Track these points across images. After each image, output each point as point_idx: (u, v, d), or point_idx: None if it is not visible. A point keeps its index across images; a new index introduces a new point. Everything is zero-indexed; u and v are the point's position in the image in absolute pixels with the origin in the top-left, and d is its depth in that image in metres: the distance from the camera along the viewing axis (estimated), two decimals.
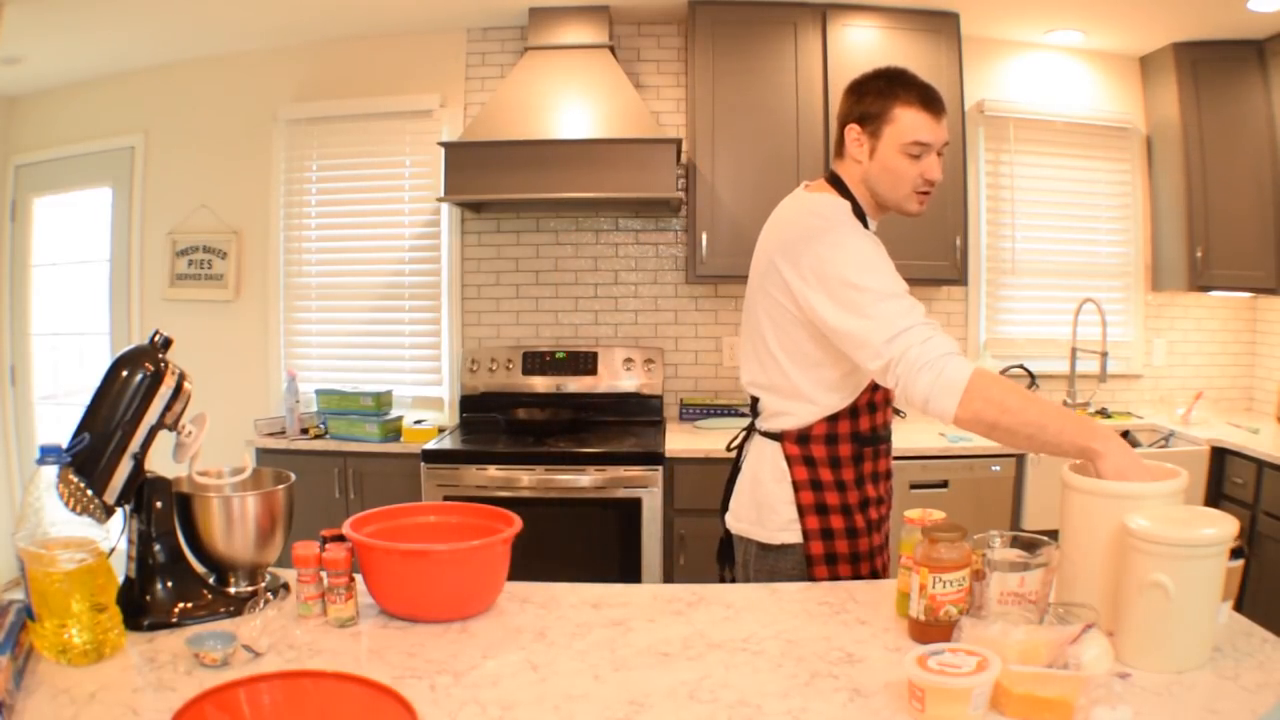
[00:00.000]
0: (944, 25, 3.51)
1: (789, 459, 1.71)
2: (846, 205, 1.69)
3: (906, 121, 1.64)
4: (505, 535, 1.48)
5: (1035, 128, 3.91)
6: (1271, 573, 2.99)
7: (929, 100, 1.65)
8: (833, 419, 1.69)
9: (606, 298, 3.89)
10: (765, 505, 1.75)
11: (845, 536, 1.71)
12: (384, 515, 1.61)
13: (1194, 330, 4.05)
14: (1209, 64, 3.65)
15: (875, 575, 1.75)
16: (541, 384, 3.74)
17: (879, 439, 1.75)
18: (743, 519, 1.80)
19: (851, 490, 1.72)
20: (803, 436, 1.70)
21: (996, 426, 1.42)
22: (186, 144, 4.04)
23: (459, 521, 1.62)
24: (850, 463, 1.71)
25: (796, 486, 1.71)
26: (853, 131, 1.69)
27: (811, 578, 1.71)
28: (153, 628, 1.36)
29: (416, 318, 3.98)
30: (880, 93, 1.66)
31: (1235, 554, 1.28)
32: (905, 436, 3.43)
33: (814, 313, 1.59)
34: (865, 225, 1.71)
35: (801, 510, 1.71)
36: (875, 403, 1.73)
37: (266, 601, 1.47)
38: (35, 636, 1.23)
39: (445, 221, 3.89)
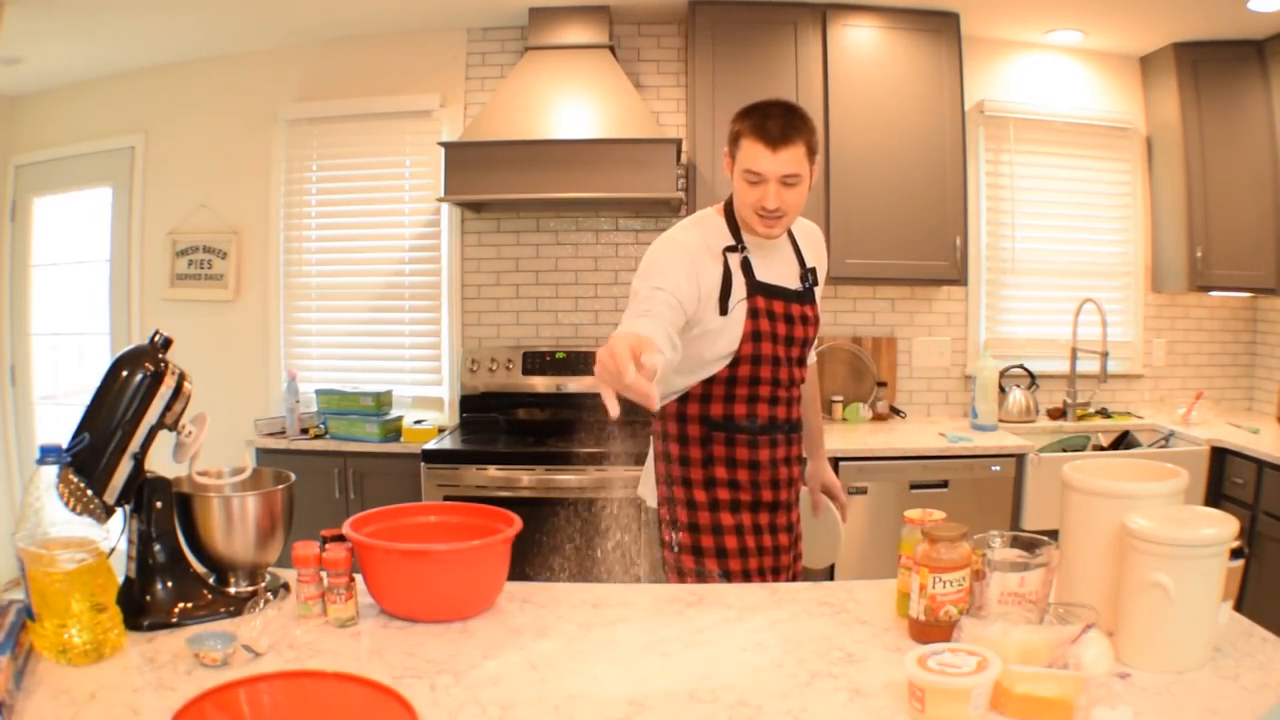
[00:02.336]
0: (944, 25, 3.51)
1: (652, 432, 1.99)
2: (704, 219, 1.90)
3: (745, 151, 1.77)
4: (505, 535, 1.48)
5: (1035, 128, 3.91)
6: (1271, 573, 2.99)
7: (765, 133, 1.74)
8: (681, 400, 1.89)
9: (606, 298, 3.89)
10: (646, 469, 2.04)
11: (685, 507, 1.91)
12: (384, 515, 1.61)
13: (1194, 330, 4.05)
14: (1209, 64, 3.65)
15: (747, 576, 1.88)
16: (541, 384, 3.74)
17: (735, 428, 1.88)
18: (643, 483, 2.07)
19: (695, 468, 1.90)
20: (662, 412, 1.93)
21: None
22: (186, 144, 4.04)
23: (459, 521, 1.62)
24: (696, 443, 1.89)
25: (655, 455, 1.98)
26: (725, 154, 1.86)
27: (672, 562, 1.93)
28: (153, 628, 1.36)
29: (416, 318, 3.98)
30: (738, 120, 1.81)
31: (1235, 554, 1.28)
32: (906, 437, 3.43)
33: None
34: (738, 239, 1.86)
35: (656, 476, 1.97)
36: (735, 395, 1.86)
37: (266, 601, 1.47)
38: (35, 636, 1.23)
39: (445, 221, 3.89)
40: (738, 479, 1.89)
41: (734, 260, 1.87)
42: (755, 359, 1.86)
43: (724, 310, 1.83)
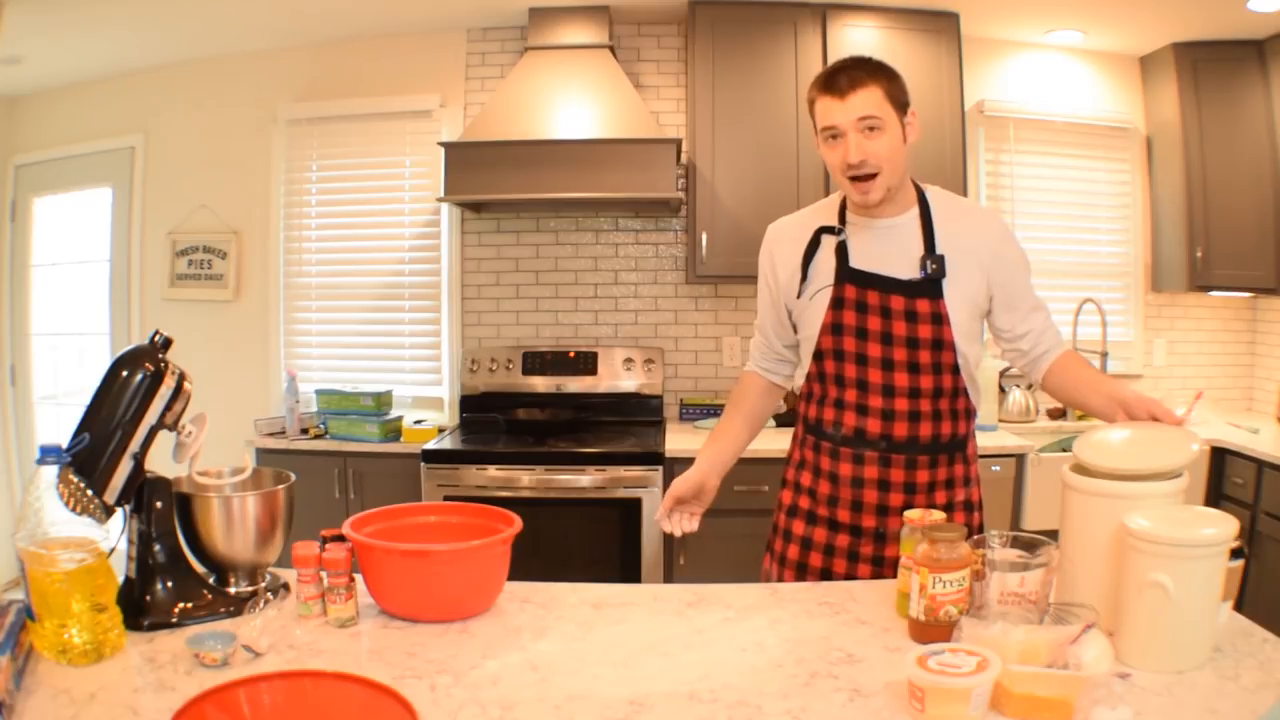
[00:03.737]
0: (944, 25, 3.51)
1: None
2: (824, 202, 1.82)
3: (818, 111, 1.64)
4: (505, 535, 1.48)
5: (1035, 128, 3.91)
6: (1271, 573, 2.99)
7: (829, 83, 1.61)
8: (805, 397, 1.83)
9: (606, 298, 3.89)
10: None
11: (776, 502, 1.91)
12: (384, 515, 1.60)
13: (1194, 330, 4.05)
14: (1209, 64, 3.65)
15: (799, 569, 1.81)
16: (541, 384, 3.74)
17: (822, 434, 1.77)
18: None
19: (790, 466, 1.87)
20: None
21: None
22: (186, 144, 4.04)
23: (459, 521, 1.62)
24: (797, 441, 1.86)
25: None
26: (815, 133, 1.71)
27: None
28: (153, 628, 1.36)
29: (416, 318, 3.98)
30: (811, 86, 1.67)
31: (1235, 554, 1.28)
32: None
33: None
34: (842, 221, 1.74)
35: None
36: (822, 396, 1.77)
37: (266, 601, 1.47)
38: (35, 636, 1.23)
39: (445, 221, 3.89)
40: (818, 490, 1.77)
41: (829, 243, 1.73)
42: (838, 354, 1.70)
43: (799, 294, 1.74)
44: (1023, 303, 1.73)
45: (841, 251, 1.70)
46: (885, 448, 1.70)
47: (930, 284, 1.66)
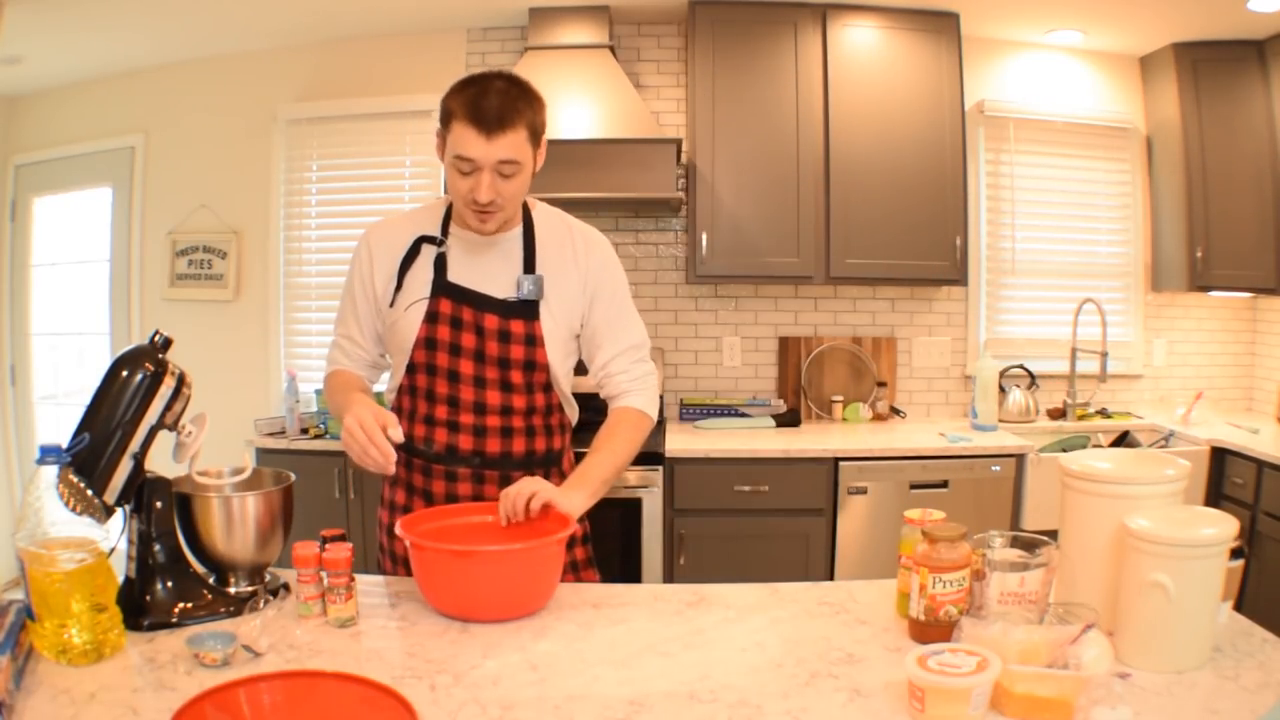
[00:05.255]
0: (944, 25, 3.51)
1: None
2: (429, 205, 1.75)
3: (455, 135, 1.53)
4: (560, 536, 1.46)
5: (1035, 128, 3.91)
6: (1271, 573, 2.99)
7: (476, 113, 1.50)
8: (395, 411, 1.74)
9: None
10: None
11: (385, 528, 1.81)
12: (435, 515, 1.59)
13: (1194, 330, 4.05)
14: (1209, 64, 3.65)
15: None
16: None
17: (413, 450, 1.70)
18: None
19: (385, 484, 1.82)
20: None
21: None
22: (186, 144, 4.04)
23: (491, 523, 1.59)
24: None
25: None
26: (436, 132, 1.62)
27: None
28: (153, 628, 1.36)
29: None
30: (449, 98, 1.56)
31: (1235, 554, 1.28)
32: (906, 437, 3.43)
33: None
34: (444, 231, 1.68)
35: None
36: (403, 408, 1.72)
37: (266, 601, 1.47)
38: (35, 636, 1.23)
39: None
40: (413, 508, 1.70)
41: (428, 253, 1.67)
42: (430, 369, 1.66)
43: (393, 303, 1.67)
44: (609, 334, 1.74)
45: (440, 263, 1.66)
46: (479, 464, 1.69)
47: (526, 305, 1.65)
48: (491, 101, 1.51)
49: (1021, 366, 3.86)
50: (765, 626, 1.41)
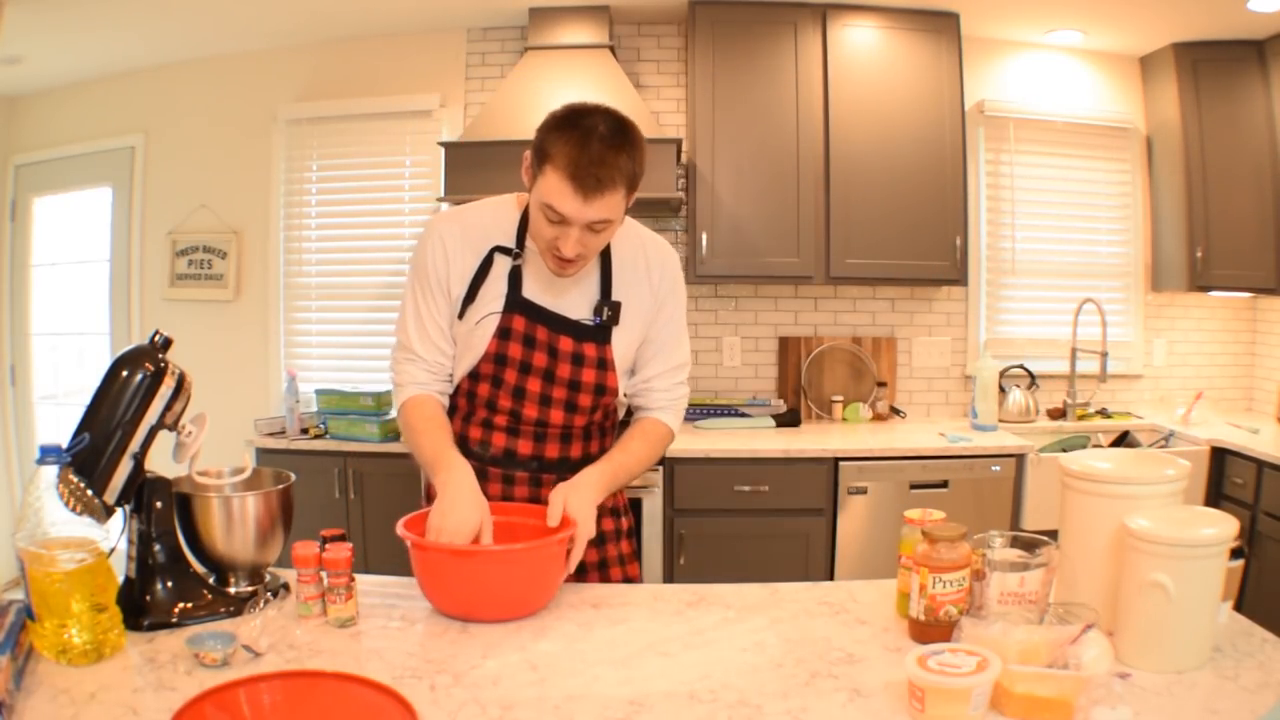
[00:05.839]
0: (944, 25, 3.51)
1: None
2: (499, 205, 1.66)
3: (549, 184, 1.44)
4: (561, 536, 1.46)
5: (1035, 128, 3.91)
6: (1271, 573, 2.99)
7: (577, 173, 1.41)
8: (450, 411, 1.71)
9: None
10: None
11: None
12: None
13: (1194, 330, 4.05)
14: (1209, 64, 3.65)
15: None
16: None
17: (468, 453, 1.63)
18: None
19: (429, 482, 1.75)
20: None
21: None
22: (186, 144, 4.04)
23: (517, 522, 1.58)
24: None
25: None
26: (526, 158, 1.53)
27: None
28: (153, 628, 1.36)
29: None
30: (548, 134, 1.46)
31: (1235, 554, 1.28)
32: (906, 437, 3.43)
33: None
34: (520, 244, 1.61)
35: None
36: (458, 409, 1.69)
37: (266, 601, 1.47)
38: (35, 636, 1.23)
39: None
40: None
41: (502, 264, 1.60)
42: (496, 382, 1.62)
43: (461, 315, 1.60)
44: (660, 353, 1.69)
45: (515, 278, 1.60)
46: (536, 468, 1.67)
47: (600, 328, 1.62)
48: (593, 154, 1.41)
49: (1021, 366, 3.86)
50: (765, 626, 1.41)
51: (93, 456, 1.32)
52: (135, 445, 1.36)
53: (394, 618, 1.44)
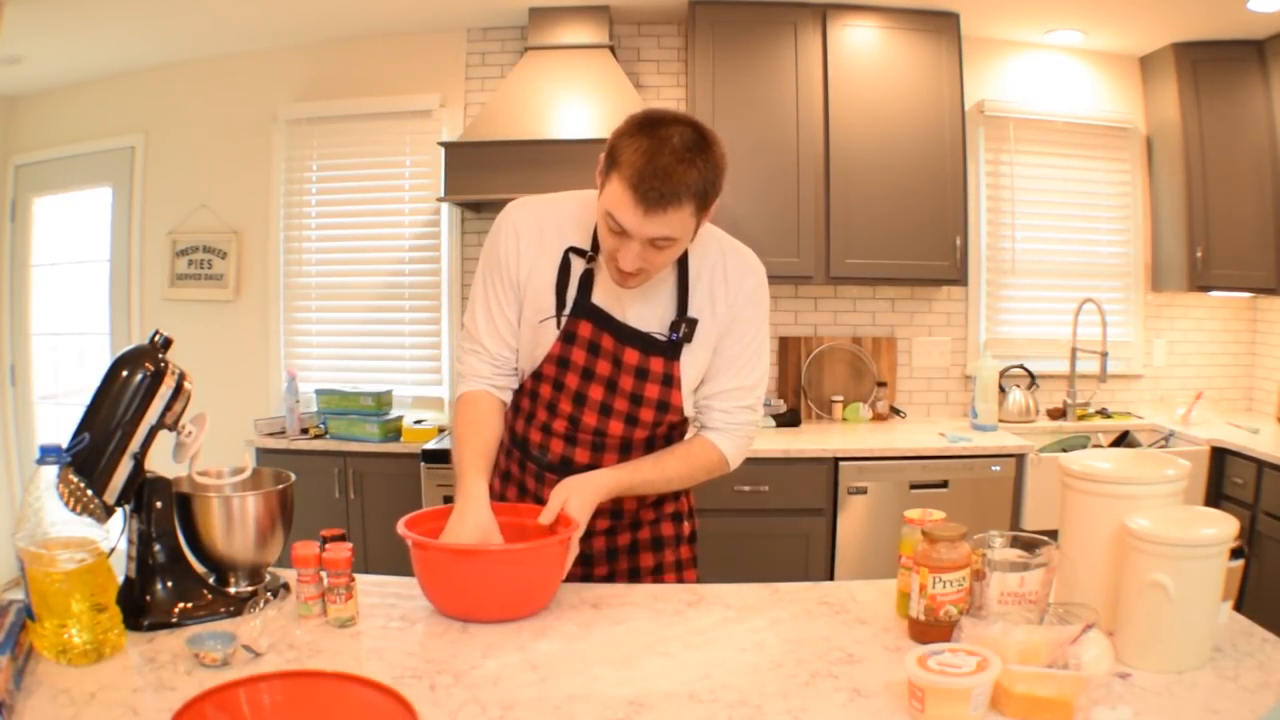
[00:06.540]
0: (944, 25, 3.51)
1: None
2: (581, 200, 1.57)
3: (614, 190, 1.36)
4: (562, 537, 1.46)
5: (1035, 128, 3.91)
6: (1271, 573, 2.99)
7: (640, 183, 1.33)
8: (513, 409, 1.69)
9: None
10: None
11: None
12: (438, 515, 1.56)
13: (1194, 330, 4.05)
14: (1209, 64, 3.65)
15: None
16: None
17: (527, 454, 1.65)
18: None
19: (495, 476, 1.72)
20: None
21: None
22: (186, 144, 4.04)
23: (504, 521, 1.57)
24: (502, 449, 1.72)
25: None
26: (600, 159, 1.43)
27: None
28: (153, 628, 1.36)
29: (416, 318, 3.98)
30: (620, 139, 1.38)
31: (1235, 554, 1.28)
32: (906, 437, 3.43)
33: None
34: (595, 247, 1.52)
35: None
36: (521, 409, 1.65)
37: (266, 601, 1.46)
38: (35, 636, 1.23)
39: (445, 221, 3.89)
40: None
41: (576, 266, 1.54)
42: (557, 385, 1.58)
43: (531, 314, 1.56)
44: (726, 369, 1.61)
45: (586, 281, 1.54)
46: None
47: (670, 345, 1.55)
48: (661, 166, 1.32)
49: (1021, 366, 3.86)
50: (765, 626, 1.41)
51: (93, 456, 1.32)
52: (135, 445, 1.36)
53: (394, 618, 1.44)
